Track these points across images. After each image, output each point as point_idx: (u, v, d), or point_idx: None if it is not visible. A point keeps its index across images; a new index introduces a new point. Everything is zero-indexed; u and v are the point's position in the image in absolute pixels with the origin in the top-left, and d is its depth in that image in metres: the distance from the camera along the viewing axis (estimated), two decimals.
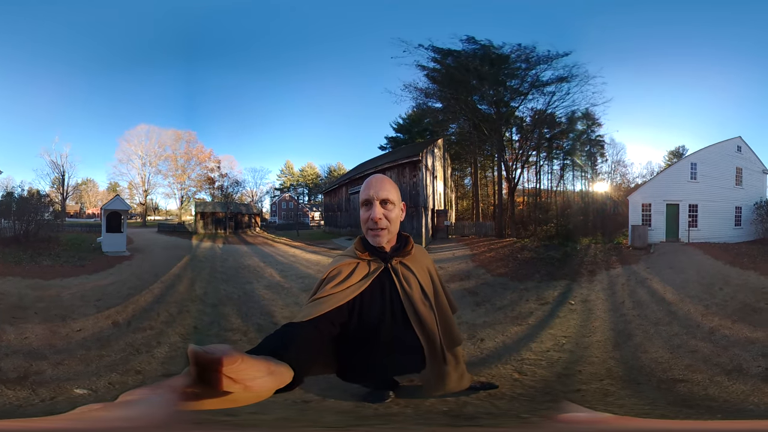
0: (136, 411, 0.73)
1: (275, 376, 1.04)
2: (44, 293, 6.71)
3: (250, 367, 0.90)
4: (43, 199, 13.12)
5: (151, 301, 6.76)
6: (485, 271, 9.74)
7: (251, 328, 5.55)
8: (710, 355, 4.28)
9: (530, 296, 7.38)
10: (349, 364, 2.30)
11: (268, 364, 1.01)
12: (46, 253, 9.78)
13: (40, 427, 0.90)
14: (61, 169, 15.78)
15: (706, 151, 12.73)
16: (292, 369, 1.25)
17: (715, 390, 3.42)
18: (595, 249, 12.29)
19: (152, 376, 3.91)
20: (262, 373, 0.95)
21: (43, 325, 5.24)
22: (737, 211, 12.54)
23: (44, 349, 4.46)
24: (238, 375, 0.86)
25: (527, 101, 15.81)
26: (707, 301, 6.32)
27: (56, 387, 3.53)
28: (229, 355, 0.83)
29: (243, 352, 0.89)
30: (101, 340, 4.88)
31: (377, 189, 2.18)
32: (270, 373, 1.00)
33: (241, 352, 0.88)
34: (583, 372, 3.91)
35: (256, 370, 0.93)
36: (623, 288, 7.91)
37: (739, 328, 5.06)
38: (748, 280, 7.51)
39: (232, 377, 0.85)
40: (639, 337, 5.01)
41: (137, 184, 17.88)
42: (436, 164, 16.54)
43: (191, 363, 0.82)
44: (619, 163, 17.45)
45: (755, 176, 12.85)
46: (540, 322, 5.81)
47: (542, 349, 4.59)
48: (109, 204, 11.84)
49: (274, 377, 1.03)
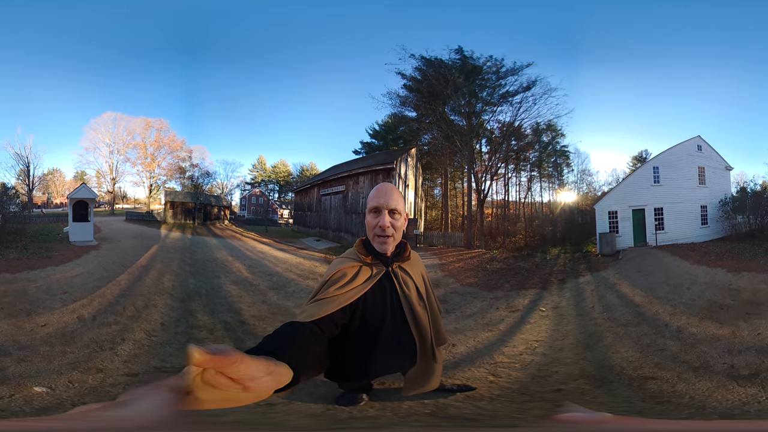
0: (136, 411, 0.72)
1: (274, 376, 1.05)
2: (10, 287, 6.53)
3: (249, 367, 0.90)
4: (9, 192, 12.67)
5: (117, 294, 6.63)
6: (454, 280, 9.82)
7: (219, 325, 5.52)
8: (678, 353, 4.43)
9: (500, 304, 7.46)
10: (342, 364, 2.32)
11: (267, 364, 1.02)
12: (13, 246, 9.52)
13: (40, 427, 0.87)
14: (25, 160, 15.51)
15: (667, 154, 12.98)
16: (292, 369, 1.26)
17: (683, 386, 3.54)
18: (564, 258, 12.53)
19: (113, 375, 3.85)
20: (261, 373, 0.96)
21: (8, 320, 5.11)
22: (703, 210, 12.72)
23: (8, 345, 4.38)
24: (237, 375, 0.86)
25: (496, 114, 16.37)
26: (675, 301, 6.48)
27: (16, 384, 3.48)
28: (229, 355, 0.83)
29: (242, 352, 0.89)
30: (65, 335, 4.78)
31: (387, 198, 2.27)
32: (269, 373, 1.01)
33: (240, 351, 0.88)
34: (560, 372, 4.04)
35: (255, 370, 0.93)
36: (593, 294, 8.05)
37: (706, 325, 5.21)
38: (714, 277, 7.61)
39: (231, 377, 0.86)
40: (609, 339, 5.18)
41: (105, 172, 17.54)
42: (408, 173, 16.76)
43: (191, 363, 0.81)
44: (585, 172, 18.09)
45: (718, 174, 13.06)
46: (511, 328, 5.90)
47: (515, 353, 4.69)
48: (75, 192, 11.49)
49: (274, 377, 1.04)
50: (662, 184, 12.84)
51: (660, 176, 12.89)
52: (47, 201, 18.93)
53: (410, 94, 16.97)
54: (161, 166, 18.28)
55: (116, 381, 3.73)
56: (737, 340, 4.54)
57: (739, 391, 3.34)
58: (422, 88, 16.27)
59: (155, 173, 18.26)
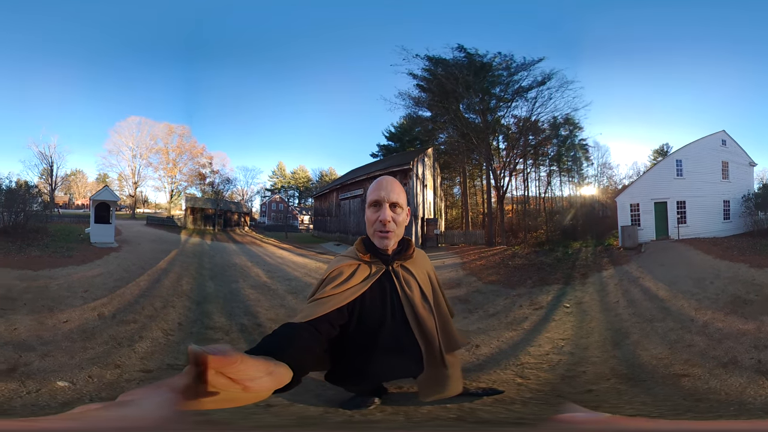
0: (136, 411, 0.72)
1: (274, 376, 1.06)
2: (32, 284, 6.63)
3: (249, 367, 0.91)
4: (32, 190, 12.95)
5: (137, 294, 6.71)
6: (476, 278, 9.68)
7: (234, 327, 5.51)
8: (706, 348, 4.33)
9: (523, 302, 7.33)
10: (343, 367, 2.25)
11: (267, 364, 1.02)
12: (34, 244, 9.67)
13: (40, 427, 0.86)
14: (49, 159, 15.79)
15: (690, 147, 12.73)
16: (291, 369, 1.27)
17: (716, 383, 3.46)
18: (586, 252, 12.29)
19: (130, 370, 3.90)
20: (261, 373, 0.97)
21: (31, 316, 5.19)
22: (725, 205, 12.48)
23: (32, 340, 4.44)
24: (237, 375, 0.87)
25: (512, 109, 16.14)
26: (699, 296, 6.36)
27: (42, 379, 3.53)
28: (229, 355, 0.83)
29: (242, 352, 0.90)
30: (86, 331, 4.86)
31: (388, 191, 2.15)
32: (269, 374, 1.01)
33: (240, 352, 0.88)
34: (588, 372, 3.91)
35: (255, 370, 0.94)
36: (617, 288, 7.90)
37: (731, 320, 5.11)
38: (738, 272, 7.51)
39: (231, 377, 0.86)
40: (636, 335, 5.05)
41: (127, 176, 17.84)
42: (426, 173, 16.65)
43: (191, 363, 0.82)
44: (605, 166, 17.72)
45: (741, 169, 12.81)
46: (535, 327, 5.77)
47: (541, 353, 4.56)
48: (98, 194, 11.68)
49: (273, 377, 1.05)
50: (685, 177, 12.62)
51: (683, 169, 12.66)
52: (69, 201, 19.34)
53: (423, 94, 16.89)
54: (182, 171, 18.55)
55: (132, 377, 3.79)
56: (762, 335, 4.51)
57: None
58: (433, 88, 16.18)
59: (176, 179, 18.54)
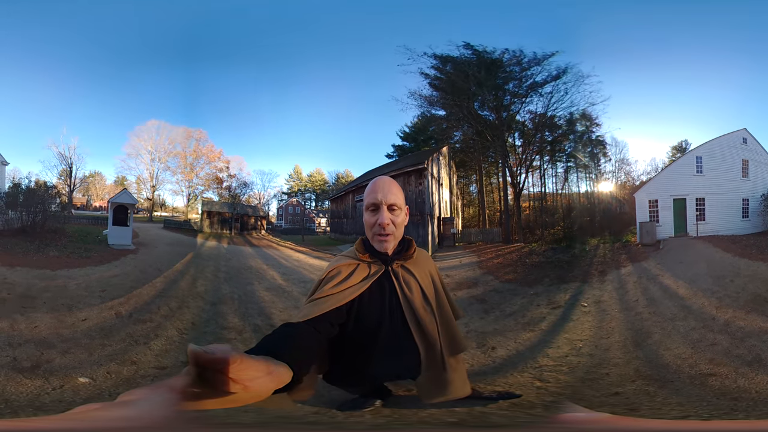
0: (136, 411, 0.72)
1: (274, 376, 1.05)
2: (51, 283, 6.78)
3: (249, 367, 0.91)
4: (50, 191, 13.20)
5: (153, 294, 6.83)
6: (493, 277, 9.57)
7: (248, 327, 5.54)
8: (729, 347, 4.28)
9: (541, 301, 7.21)
10: (340, 367, 2.24)
11: (267, 364, 1.02)
12: (53, 244, 9.85)
13: (40, 426, 0.88)
14: (68, 161, 15.86)
15: (710, 144, 12.58)
16: (291, 369, 1.25)
17: (744, 381, 3.42)
18: (604, 249, 12.13)
19: (146, 367, 3.99)
20: (261, 373, 0.96)
21: (51, 314, 5.33)
22: (744, 203, 12.32)
23: (52, 338, 4.57)
24: (237, 375, 0.87)
25: (527, 104, 15.85)
26: (719, 294, 6.23)
27: (64, 376, 3.62)
28: (229, 355, 0.84)
29: (242, 352, 0.90)
30: (104, 329, 5.01)
31: (385, 193, 2.11)
32: (269, 373, 1.01)
33: (240, 352, 0.89)
34: (612, 374, 3.80)
35: (255, 370, 0.93)
36: (635, 286, 7.75)
37: (753, 318, 5.06)
38: (757, 270, 7.41)
39: (231, 377, 0.86)
40: (658, 335, 4.94)
41: (145, 179, 17.97)
42: (441, 172, 16.53)
43: (191, 363, 0.82)
44: (623, 162, 17.38)
45: (762, 168, 12.63)
46: (553, 327, 5.65)
47: (559, 354, 4.44)
48: (116, 197, 11.87)
49: (273, 377, 1.04)
50: (705, 174, 12.42)
51: (703, 166, 12.48)
52: (87, 203, 19.69)
53: (435, 93, 16.77)
54: (199, 176, 18.75)
55: (147, 373, 3.89)
56: None
57: None
58: (445, 86, 16.05)
59: (193, 183, 18.73)
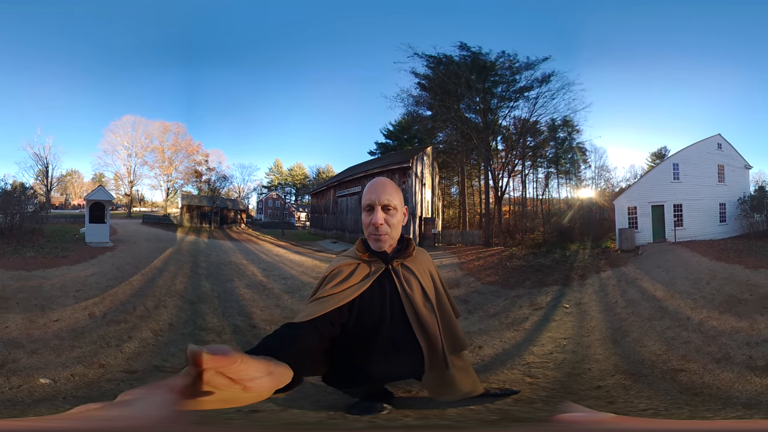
0: (136, 411, 0.72)
1: (274, 376, 1.04)
2: (26, 284, 6.69)
3: (249, 367, 0.90)
4: (27, 192, 12.96)
5: (129, 293, 6.69)
6: (475, 279, 9.67)
7: (227, 328, 5.46)
8: (701, 345, 4.51)
9: (523, 302, 7.37)
10: (340, 368, 2.21)
11: (267, 364, 1.01)
12: (29, 245, 9.75)
13: (39, 426, 0.87)
14: (44, 161, 15.82)
15: (687, 151, 12.95)
16: (292, 369, 1.25)
17: (710, 378, 3.63)
18: (584, 254, 12.46)
19: (114, 370, 3.91)
20: (261, 373, 0.95)
21: (23, 315, 5.24)
22: (721, 208, 12.71)
23: (22, 338, 4.50)
24: (237, 375, 0.86)
25: (513, 109, 16.15)
26: (695, 296, 6.50)
27: (26, 376, 3.57)
28: (229, 355, 0.83)
29: (242, 352, 0.89)
30: (75, 331, 4.89)
31: (379, 194, 2.11)
32: (269, 374, 1.00)
33: (240, 352, 0.87)
34: (593, 369, 3.98)
35: (255, 371, 0.93)
36: (615, 289, 8.03)
37: (726, 318, 5.29)
38: (733, 273, 7.69)
39: (231, 377, 0.85)
40: (635, 333, 5.18)
41: (123, 175, 17.81)
42: (425, 172, 16.62)
43: (190, 363, 0.81)
44: (603, 168, 17.84)
45: (737, 172, 13.04)
46: (536, 326, 5.82)
47: (544, 352, 4.61)
48: (92, 194, 11.69)
49: (274, 377, 1.03)
50: (682, 180, 12.82)
51: (680, 173, 12.87)
52: (65, 202, 19.31)
53: (423, 93, 16.83)
54: (178, 170, 18.54)
55: (114, 377, 3.79)
56: (755, 332, 4.70)
57: (756, 382, 3.48)
58: (435, 87, 16.12)
59: (172, 177, 18.52)
